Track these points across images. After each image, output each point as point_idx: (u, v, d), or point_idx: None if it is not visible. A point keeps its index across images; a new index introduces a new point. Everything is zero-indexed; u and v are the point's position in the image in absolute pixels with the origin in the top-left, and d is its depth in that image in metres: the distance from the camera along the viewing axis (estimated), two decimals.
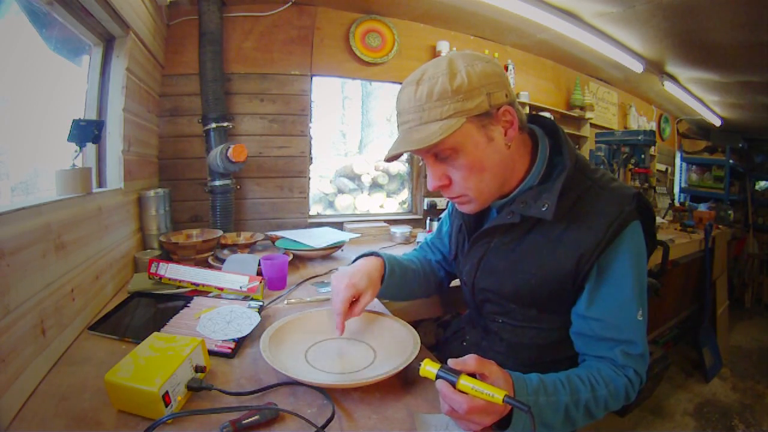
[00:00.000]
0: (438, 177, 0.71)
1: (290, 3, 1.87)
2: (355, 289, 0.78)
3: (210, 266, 1.29)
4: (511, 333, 0.81)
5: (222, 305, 0.95)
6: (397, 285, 0.89)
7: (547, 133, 0.77)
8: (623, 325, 0.70)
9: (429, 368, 0.58)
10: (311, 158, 2.05)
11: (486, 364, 0.59)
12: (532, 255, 0.73)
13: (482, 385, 0.55)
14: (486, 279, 0.80)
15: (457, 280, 0.96)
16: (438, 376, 0.57)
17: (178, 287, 1.09)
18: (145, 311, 0.99)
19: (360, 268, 0.83)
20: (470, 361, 0.58)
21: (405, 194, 2.56)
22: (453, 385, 0.56)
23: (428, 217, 1.74)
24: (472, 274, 0.82)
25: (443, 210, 2.23)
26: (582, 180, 0.72)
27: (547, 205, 0.68)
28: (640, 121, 3.56)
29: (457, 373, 0.56)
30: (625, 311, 0.70)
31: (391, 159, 0.73)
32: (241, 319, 0.88)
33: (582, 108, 2.90)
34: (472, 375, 0.57)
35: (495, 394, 0.53)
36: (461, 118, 0.65)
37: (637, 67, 2.50)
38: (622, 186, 0.73)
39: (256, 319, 0.88)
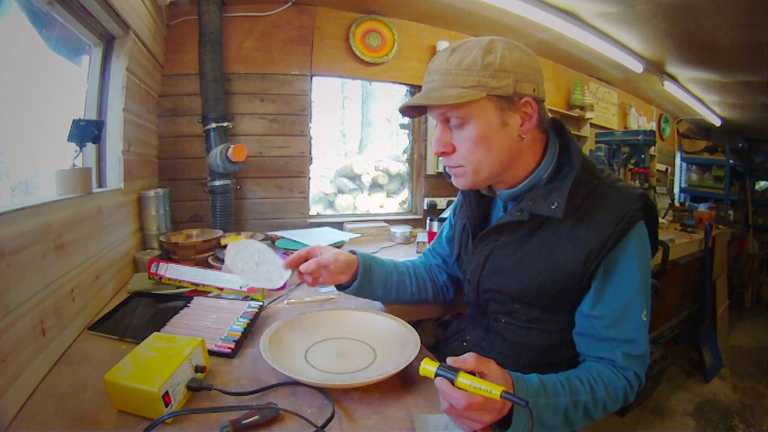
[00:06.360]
0: (443, 143, 0.72)
1: (290, 3, 1.87)
2: (317, 251, 0.86)
3: (210, 266, 1.29)
4: (513, 333, 0.81)
5: (222, 306, 0.94)
6: (378, 281, 0.93)
7: (555, 133, 0.77)
8: (627, 324, 0.70)
9: (428, 366, 0.58)
10: (311, 158, 2.05)
11: (485, 363, 0.59)
12: (540, 253, 0.73)
13: (480, 381, 0.55)
14: (492, 278, 0.80)
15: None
16: (437, 374, 0.57)
17: (178, 287, 1.09)
18: (145, 311, 0.99)
19: (332, 249, 0.89)
20: (469, 359, 0.58)
21: (405, 194, 2.55)
22: (452, 382, 0.56)
23: (428, 217, 1.74)
24: (478, 273, 0.82)
25: (443, 210, 2.24)
26: (590, 179, 0.72)
27: (556, 204, 0.68)
28: (640, 121, 3.56)
29: (456, 370, 0.56)
30: (630, 310, 0.70)
31: (404, 110, 0.75)
32: (269, 266, 0.83)
33: (582, 108, 2.90)
34: (471, 373, 0.57)
35: (493, 390, 0.53)
36: (482, 92, 0.66)
37: (637, 67, 2.50)
38: (628, 186, 0.74)
39: (287, 272, 0.83)
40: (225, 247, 1.49)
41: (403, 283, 0.98)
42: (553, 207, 0.68)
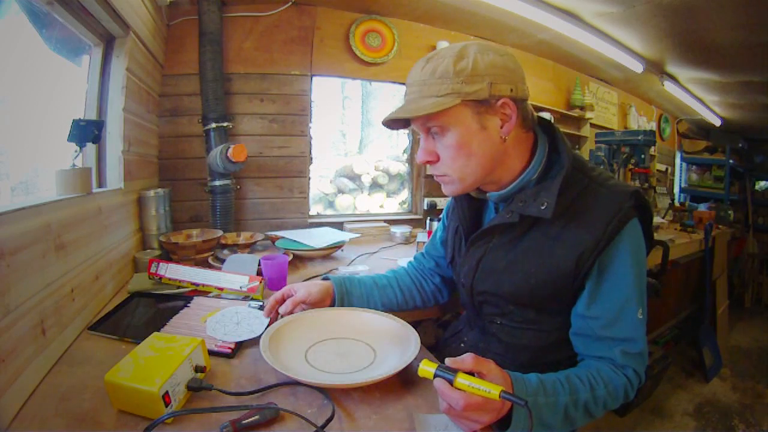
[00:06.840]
0: (427, 152, 0.74)
1: (290, 3, 1.87)
2: (292, 290, 0.89)
3: (210, 266, 1.29)
4: (509, 334, 0.81)
5: (223, 306, 0.95)
6: (358, 302, 0.94)
7: (544, 132, 0.77)
8: (623, 323, 0.70)
9: (426, 367, 0.58)
10: (311, 158, 2.05)
11: (484, 363, 0.59)
12: (532, 254, 0.73)
13: (479, 381, 0.55)
14: (485, 280, 0.80)
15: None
16: (435, 375, 0.57)
17: (178, 287, 1.09)
18: (145, 311, 0.99)
19: (305, 283, 0.92)
20: (468, 359, 0.58)
21: (405, 194, 2.56)
22: (450, 383, 0.56)
23: (428, 217, 1.74)
24: (471, 276, 0.82)
25: (443, 210, 2.24)
26: (580, 178, 0.72)
27: (546, 204, 0.68)
28: (640, 121, 3.56)
29: (455, 371, 0.57)
30: (625, 310, 0.70)
31: (387, 123, 0.77)
32: (249, 320, 0.88)
33: (582, 108, 2.90)
34: (470, 373, 0.57)
35: (491, 390, 0.53)
36: (456, 98, 0.66)
37: (637, 67, 2.50)
38: (620, 183, 0.73)
39: (265, 318, 0.88)
40: (225, 246, 1.50)
41: (387, 297, 0.98)
42: (542, 207, 0.68)
